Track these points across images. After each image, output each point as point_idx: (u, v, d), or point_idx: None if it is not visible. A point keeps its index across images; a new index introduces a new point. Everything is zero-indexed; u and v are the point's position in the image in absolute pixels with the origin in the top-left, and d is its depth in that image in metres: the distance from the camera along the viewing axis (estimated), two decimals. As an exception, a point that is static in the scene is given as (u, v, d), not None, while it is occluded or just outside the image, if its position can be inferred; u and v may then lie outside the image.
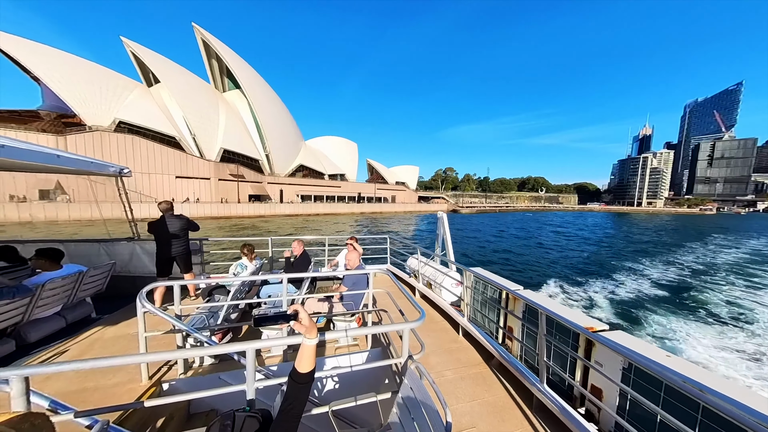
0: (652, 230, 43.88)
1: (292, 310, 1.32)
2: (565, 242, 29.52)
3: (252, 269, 5.18)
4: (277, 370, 2.61)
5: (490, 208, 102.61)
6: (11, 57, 41.26)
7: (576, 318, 2.92)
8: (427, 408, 1.55)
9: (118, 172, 5.02)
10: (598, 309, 11.10)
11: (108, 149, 42.71)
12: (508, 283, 4.08)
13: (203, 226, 5.84)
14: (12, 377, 1.27)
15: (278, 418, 1.18)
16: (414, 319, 2.07)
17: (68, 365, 1.39)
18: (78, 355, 3.46)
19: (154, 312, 2.53)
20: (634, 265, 18.55)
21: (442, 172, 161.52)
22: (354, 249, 4.98)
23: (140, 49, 52.09)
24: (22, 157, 3.16)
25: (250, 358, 1.72)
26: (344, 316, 3.82)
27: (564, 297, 12.49)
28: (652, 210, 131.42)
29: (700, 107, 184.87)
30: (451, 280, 5.51)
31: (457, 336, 4.06)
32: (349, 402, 1.87)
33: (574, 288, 13.69)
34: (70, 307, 4.18)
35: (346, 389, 2.73)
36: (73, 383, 2.80)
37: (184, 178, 49.39)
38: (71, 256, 5.23)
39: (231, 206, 48.16)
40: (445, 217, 7.49)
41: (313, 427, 2.12)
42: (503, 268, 17.63)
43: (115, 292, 4.70)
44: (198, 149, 52.33)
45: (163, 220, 4.76)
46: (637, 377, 2.26)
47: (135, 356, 1.90)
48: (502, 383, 3.01)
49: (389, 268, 7.25)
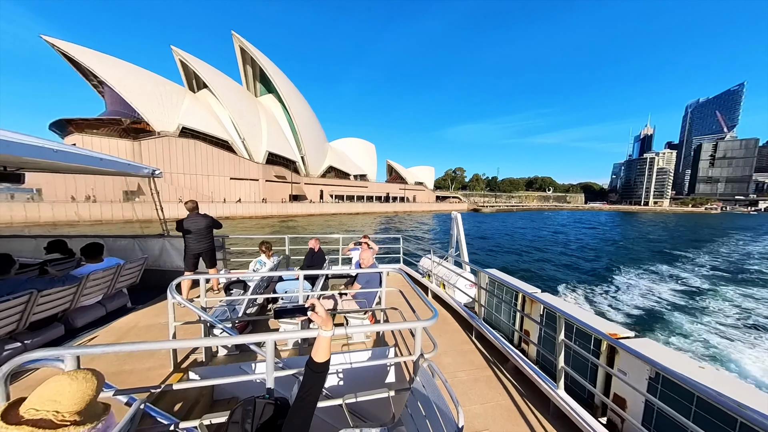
0: (671, 229, 45.46)
1: (309, 303, 1.40)
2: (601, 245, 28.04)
3: (270, 266, 5.30)
4: (292, 361, 2.66)
5: (507, 208, 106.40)
6: (84, 67, 44.59)
7: (597, 323, 2.89)
8: (439, 407, 1.54)
9: (150, 173, 5.23)
10: (621, 313, 10.62)
11: (174, 153, 46.20)
12: (525, 285, 4.07)
13: (254, 225, 7.83)
14: (66, 355, 1.45)
15: (295, 404, 1.25)
16: (426, 318, 2.08)
17: (111, 347, 1.56)
18: (117, 341, 3.64)
19: (182, 303, 2.69)
20: (661, 267, 18.05)
21: (452, 172, 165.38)
22: (368, 247, 4.94)
23: (189, 57, 55.22)
24: (71, 160, 3.45)
25: (269, 349, 1.78)
26: (357, 313, 3.87)
27: (584, 299, 12.12)
28: (659, 209, 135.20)
29: (702, 107, 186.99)
30: (465, 281, 5.47)
31: (470, 337, 3.99)
32: (362, 396, 1.94)
33: (595, 289, 13.26)
34: (109, 297, 4.48)
35: (357, 384, 2.76)
36: (113, 365, 3.00)
37: (237, 179, 52.89)
38: (110, 250, 5.59)
39: (287, 206, 52.33)
40: (459, 217, 7.46)
41: (327, 419, 2.17)
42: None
43: (147, 285, 4.94)
44: (247, 152, 55.71)
45: (190, 219, 5.03)
46: (665, 388, 2.18)
47: (167, 342, 2.27)
48: (517, 387, 2.95)
49: (402, 267, 7.23)
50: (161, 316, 4.28)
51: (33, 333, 3.36)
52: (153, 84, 48.85)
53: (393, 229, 38.61)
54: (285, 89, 68.03)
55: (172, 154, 45.81)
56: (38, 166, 4.12)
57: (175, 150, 46.34)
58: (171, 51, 55.65)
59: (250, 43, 65.05)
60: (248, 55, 66.20)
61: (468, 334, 4.08)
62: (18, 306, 3.03)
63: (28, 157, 2.98)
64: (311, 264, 5.52)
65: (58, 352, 1.45)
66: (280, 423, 1.26)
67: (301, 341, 3.57)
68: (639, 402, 2.35)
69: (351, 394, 1.92)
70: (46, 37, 42.81)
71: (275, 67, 70.40)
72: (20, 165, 3.89)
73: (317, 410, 1.32)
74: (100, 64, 44.42)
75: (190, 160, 47.32)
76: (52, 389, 1.06)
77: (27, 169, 4.14)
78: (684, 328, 9.45)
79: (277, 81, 66.44)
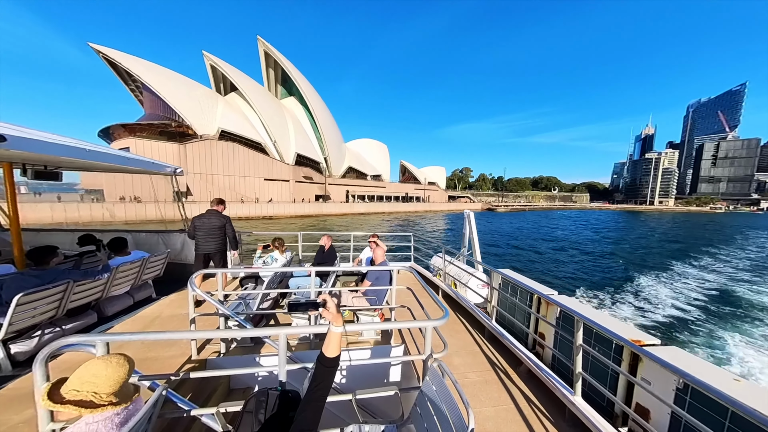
0: (687, 228, 46.05)
1: (321, 299, 1.43)
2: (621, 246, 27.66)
3: (283, 261, 5.37)
4: (303, 355, 2.72)
5: (520, 207, 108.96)
6: (124, 72, 46.62)
7: (618, 328, 2.80)
8: (449, 407, 1.53)
9: (173, 171, 5.36)
10: (645, 318, 10.12)
11: (215, 155, 48.23)
12: (541, 287, 4.01)
13: (287, 224, 8.66)
14: (98, 341, 1.57)
15: (306, 397, 1.28)
16: (437, 317, 2.07)
17: (136, 335, 1.73)
18: (142, 329, 3.79)
19: (202, 296, 2.89)
20: (685, 268, 17.32)
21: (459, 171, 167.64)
22: (377, 246, 4.95)
23: (220, 61, 57.01)
24: (102, 159, 3.57)
25: (282, 342, 1.82)
26: (367, 310, 3.90)
27: (604, 303, 11.65)
28: (665, 209, 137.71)
29: (704, 107, 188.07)
30: (477, 281, 5.42)
31: (482, 338, 3.94)
32: (372, 392, 1.95)
33: (614, 292, 12.78)
34: (136, 288, 4.67)
35: (367, 381, 2.78)
36: (139, 352, 3.15)
37: (270, 180, 54.95)
38: (137, 244, 5.77)
39: (322, 206, 55.13)
40: (471, 215, 7.35)
41: (337, 413, 2.23)
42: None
43: (170, 277, 5.12)
44: (278, 154, 57.70)
45: (203, 215, 4.88)
46: (695, 400, 2.07)
47: (188, 332, 2.55)
48: (530, 391, 2.86)
49: (413, 266, 7.26)
50: (183, 307, 4.46)
51: (70, 319, 3.59)
52: (188, 88, 50.77)
53: (418, 228, 38.05)
54: (307, 91, 69.89)
55: (213, 156, 47.86)
56: (74, 165, 4.37)
57: (216, 152, 48.37)
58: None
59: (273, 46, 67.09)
60: (272, 58, 67.89)
61: (480, 335, 4.01)
62: (57, 294, 3.22)
63: (65, 157, 3.20)
64: (322, 261, 5.57)
65: (91, 338, 1.55)
66: (292, 415, 1.31)
67: (312, 336, 3.63)
68: (664, 414, 2.27)
69: (360, 389, 1.94)
70: (93, 45, 44.68)
71: (297, 70, 72.29)
72: (58, 164, 4.14)
73: (327, 404, 1.35)
74: (145, 70, 46.44)
75: (228, 162, 49.33)
76: (89, 372, 1.18)
77: (64, 167, 4.36)
78: (713, 336, 8.79)
79: (300, 83, 68.34)
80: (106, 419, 1.16)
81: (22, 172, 4.01)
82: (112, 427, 1.16)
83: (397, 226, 41.91)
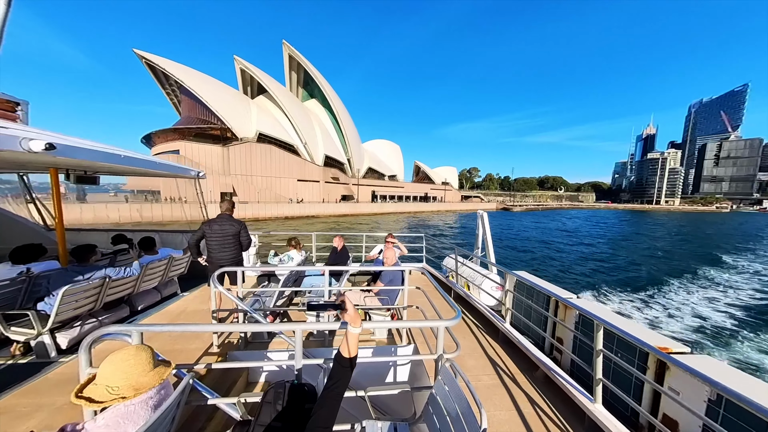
0: (702, 228, 45.44)
1: (340, 300, 1.44)
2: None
3: (298, 260, 5.47)
4: (317, 352, 2.75)
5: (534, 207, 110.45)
6: (163, 76, 48.50)
7: (643, 334, 2.67)
8: (461, 408, 1.51)
9: (196, 175, 5.47)
10: (673, 324, 9.66)
11: (254, 157, 50.15)
12: (558, 290, 3.95)
13: (328, 222, 9.02)
14: (133, 331, 1.72)
15: (323, 395, 1.29)
16: (449, 318, 2.07)
17: (169, 327, 1.86)
18: (169, 323, 4.06)
19: (223, 293, 3.08)
20: (711, 272, 16.66)
21: (466, 171, 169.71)
22: (391, 246, 4.85)
23: (250, 66, 58.53)
24: (135, 164, 3.88)
25: (298, 338, 1.88)
26: (380, 310, 3.95)
27: (627, 306, 11.31)
28: (671, 208, 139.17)
29: (706, 108, 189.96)
30: (491, 282, 5.36)
31: (496, 341, 3.84)
32: (384, 390, 2.00)
33: (636, 296, 12.36)
34: (163, 285, 4.89)
35: (377, 378, 2.84)
36: (167, 344, 3.33)
37: (303, 181, 56.81)
38: (164, 243, 5.96)
39: (357, 206, 57.43)
40: (485, 215, 7.26)
41: (349, 409, 2.25)
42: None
43: (193, 275, 5.33)
44: (309, 155, 59.42)
45: (214, 221, 4.22)
46: (729, 413, 1.99)
47: (211, 326, 2.70)
48: (547, 397, 2.78)
49: (425, 267, 7.24)
50: (205, 303, 4.69)
51: (106, 312, 3.86)
52: (221, 92, 52.43)
53: (438, 227, 37.55)
54: (330, 93, 71.50)
55: (252, 158, 49.73)
56: (111, 170, 4.55)
57: (255, 154, 50.25)
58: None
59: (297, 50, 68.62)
60: (295, 61, 69.30)
61: (494, 338, 3.94)
62: (96, 289, 3.46)
63: (103, 162, 3.36)
64: (336, 261, 5.70)
65: (128, 328, 1.72)
66: (308, 407, 1.39)
67: (327, 333, 3.77)
68: (695, 426, 2.19)
69: (372, 387, 1.96)
70: (138, 51, 46.23)
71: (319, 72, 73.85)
72: (97, 169, 4.33)
73: None
74: (185, 75, 48.19)
75: (265, 164, 51.14)
76: (118, 369, 1.25)
77: (102, 172, 4.57)
78: (751, 346, 8.31)
79: (324, 85, 69.93)
80: (142, 402, 1.26)
81: (66, 176, 4.25)
82: (147, 409, 1.26)
83: (419, 225, 42.97)
